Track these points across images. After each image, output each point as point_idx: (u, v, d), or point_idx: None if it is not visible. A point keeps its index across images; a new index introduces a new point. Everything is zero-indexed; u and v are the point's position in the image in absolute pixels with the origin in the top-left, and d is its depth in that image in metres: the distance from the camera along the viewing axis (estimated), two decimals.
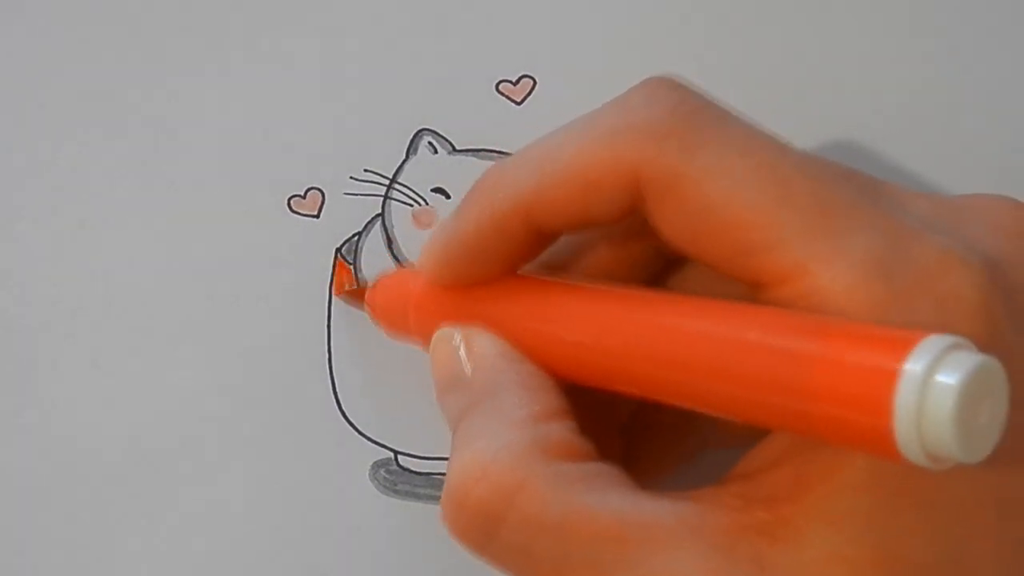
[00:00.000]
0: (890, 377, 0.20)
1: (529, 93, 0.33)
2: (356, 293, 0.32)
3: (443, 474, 0.32)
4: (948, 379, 0.20)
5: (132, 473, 0.32)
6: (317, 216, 0.33)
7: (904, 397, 0.20)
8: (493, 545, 0.24)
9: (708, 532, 0.23)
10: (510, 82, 0.33)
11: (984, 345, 0.21)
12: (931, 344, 0.20)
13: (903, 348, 0.20)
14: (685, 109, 0.25)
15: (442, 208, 0.33)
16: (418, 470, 0.33)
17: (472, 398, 0.26)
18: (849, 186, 0.24)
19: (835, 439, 0.22)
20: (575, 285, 0.27)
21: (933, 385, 0.20)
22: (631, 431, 0.30)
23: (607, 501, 0.23)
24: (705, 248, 0.24)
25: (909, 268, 0.23)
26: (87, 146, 0.33)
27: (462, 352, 0.27)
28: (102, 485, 0.32)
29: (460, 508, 0.24)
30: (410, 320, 0.29)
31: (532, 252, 0.27)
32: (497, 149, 0.33)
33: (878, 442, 0.20)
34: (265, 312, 0.33)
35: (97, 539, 0.32)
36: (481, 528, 0.24)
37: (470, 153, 0.33)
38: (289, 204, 0.33)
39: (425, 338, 0.28)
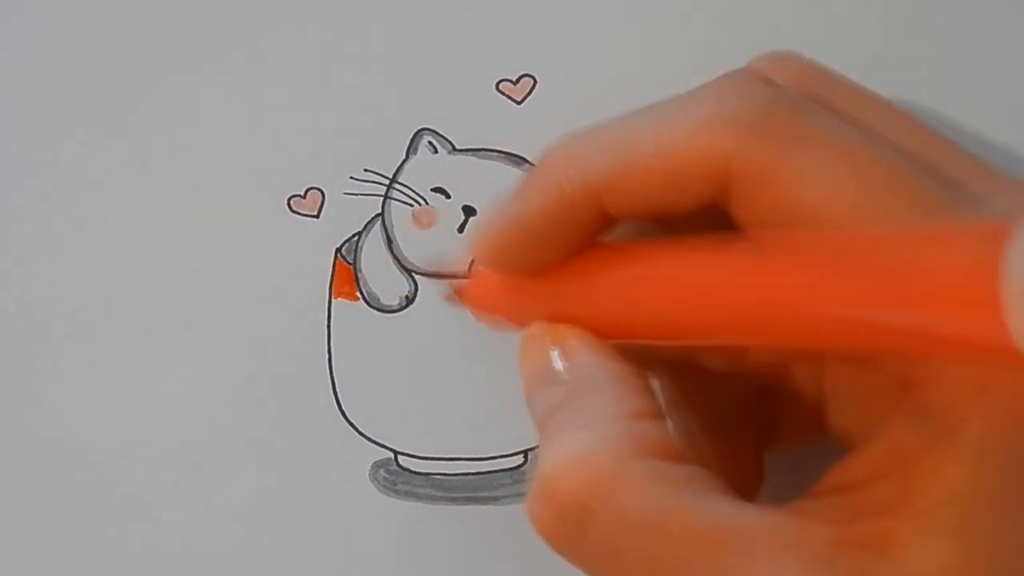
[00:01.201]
0: (993, 263, 0.19)
1: (529, 93, 0.33)
2: (450, 296, 0.31)
3: (443, 474, 0.33)
4: None
5: (131, 473, 0.32)
6: (317, 216, 0.33)
7: (1013, 280, 0.19)
8: (582, 542, 0.23)
9: (809, 544, 0.22)
10: (510, 82, 0.33)
11: None
12: None
13: (1000, 236, 0.19)
14: (782, 104, 0.24)
15: (442, 208, 0.33)
16: (418, 470, 0.33)
17: (565, 394, 0.25)
18: (940, 186, 0.23)
19: (942, 346, 0.21)
20: (643, 244, 0.26)
21: None
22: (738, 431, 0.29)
23: (706, 505, 0.23)
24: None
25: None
26: (87, 146, 0.33)
27: (555, 350, 0.26)
28: (101, 484, 0.32)
29: (551, 500, 0.23)
30: (501, 314, 0.28)
31: (593, 236, 0.26)
32: (497, 148, 0.33)
33: (992, 337, 0.19)
34: (265, 312, 0.33)
35: (97, 539, 0.32)
36: (572, 523, 0.23)
37: (470, 153, 0.33)
38: (289, 204, 0.33)
39: (516, 322, 0.28)
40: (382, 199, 0.33)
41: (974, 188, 0.25)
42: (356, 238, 0.33)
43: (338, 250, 0.33)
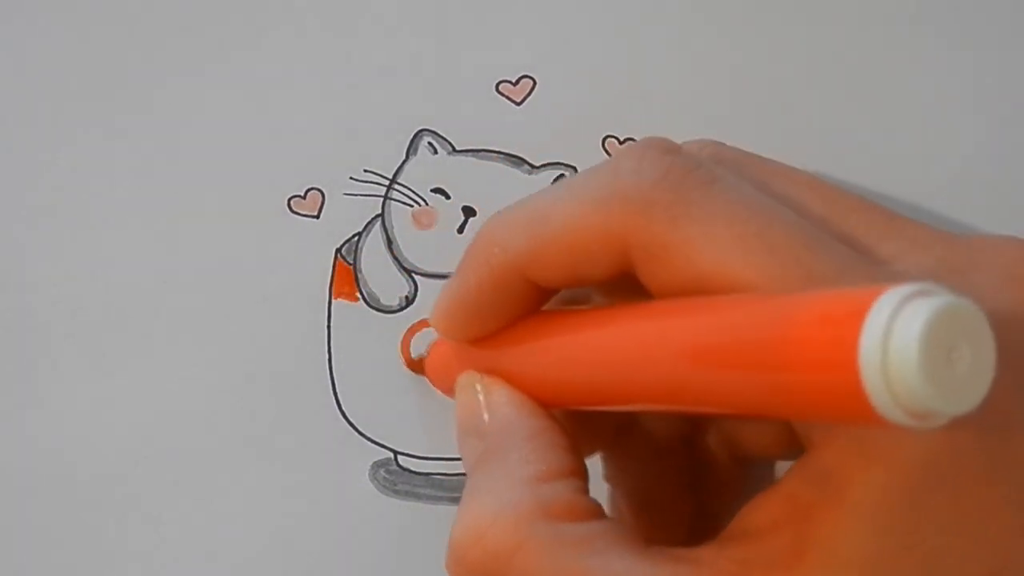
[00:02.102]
0: (853, 331, 0.19)
1: (529, 93, 0.33)
2: (415, 365, 0.33)
3: (443, 474, 0.33)
4: (909, 322, 0.19)
5: (131, 473, 0.32)
6: (317, 216, 0.33)
7: (867, 348, 0.19)
8: None
9: None
10: (510, 82, 0.33)
11: (985, 411, 0.20)
12: (894, 294, 0.19)
13: (866, 300, 0.20)
14: (673, 176, 0.25)
15: (442, 208, 0.33)
16: (418, 470, 0.33)
17: (484, 448, 0.27)
18: (838, 252, 0.24)
19: (814, 411, 0.21)
20: (575, 311, 0.27)
21: (895, 330, 0.19)
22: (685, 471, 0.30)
23: (604, 564, 0.24)
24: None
25: None
26: (87, 146, 0.33)
27: (481, 399, 0.28)
28: (101, 485, 0.32)
29: (459, 565, 0.25)
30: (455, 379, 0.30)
31: (534, 303, 0.28)
32: (497, 149, 0.33)
33: (854, 404, 0.20)
34: (265, 312, 0.33)
35: (96, 539, 0.32)
36: None
37: (470, 153, 0.33)
38: (289, 204, 0.33)
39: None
40: (382, 199, 0.33)
41: (885, 249, 0.25)
42: (356, 238, 0.33)
43: (338, 250, 0.33)
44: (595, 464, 0.30)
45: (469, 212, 0.33)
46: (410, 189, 0.33)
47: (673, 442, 0.30)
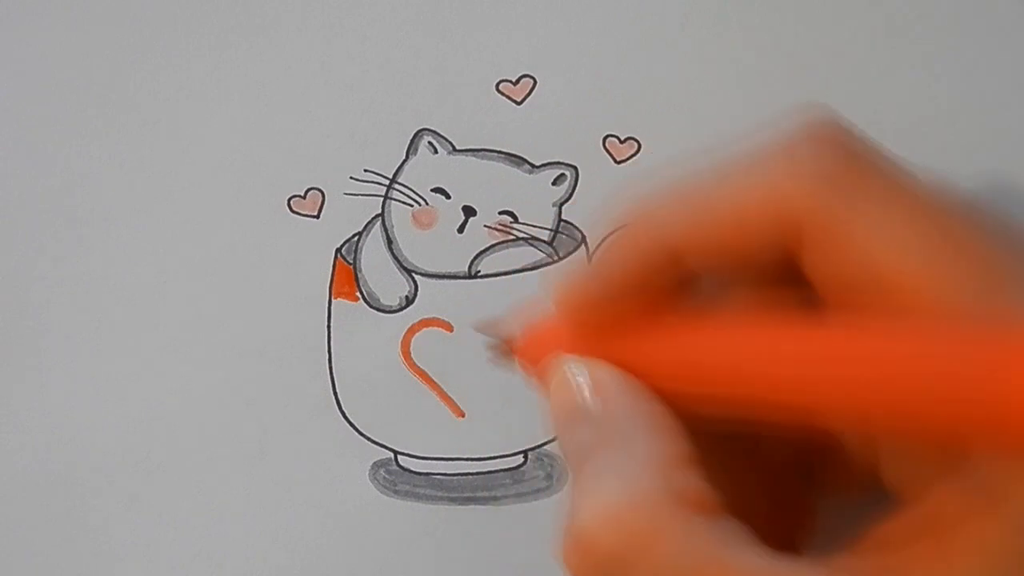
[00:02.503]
0: None
1: (529, 93, 0.33)
2: (503, 349, 0.30)
3: (443, 474, 0.33)
4: None
5: (131, 473, 0.32)
6: (317, 216, 0.33)
7: None
8: None
9: None
10: (510, 82, 0.33)
11: None
12: None
13: None
14: (851, 158, 0.24)
15: (442, 208, 0.33)
16: (418, 470, 0.33)
17: (600, 435, 0.25)
18: (1016, 251, 0.23)
19: (1011, 449, 0.21)
20: (711, 315, 0.26)
21: None
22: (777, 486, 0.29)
23: (743, 558, 0.23)
24: (860, 301, 0.24)
25: None
26: (87, 146, 0.33)
27: (586, 385, 0.26)
28: (101, 484, 0.32)
29: (588, 553, 0.23)
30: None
31: (676, 291, 0.26)
32: (497, 148, 0.33)
33: None
34: (265, 312, 0.33)
35: (96, 539, 0.32)
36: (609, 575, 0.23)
37: (470, 153, 0.33)
38: (289, 204, 0.33)
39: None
40: (382, 199, 0.33)
41: None
42: (356, 238, 0.33)
43: (338, 250, 0.33)
44: None
45: (469, 212, 0.33)
46: (410, 189, 0.33)
47: (785, 466, 0.29)
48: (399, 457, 0.33)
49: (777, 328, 0.24)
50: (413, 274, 0.33)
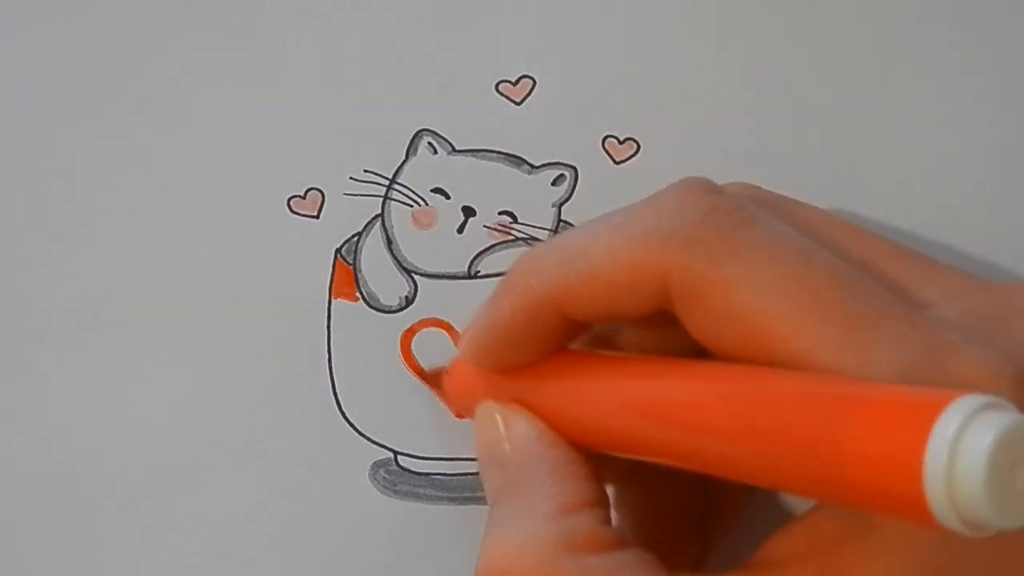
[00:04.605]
0: (920, 439, 0.20)
1: (529, 93, 0.33)
2: (431, 376, 0.32)
3: (443, 474, 0.33)
4: (979, 438, 0.19)
5: (131, 473, 0.32)
6: (317, 216, 0.33)
7: (934, 459, 0.19)
8: None
9: None
10: (510, 82, 0.33)
11: None
12: (963, 404, 0.20)
13: (934, 409, 0.20)
14: (716, 216, 0.25)
15: (442, 208, 0.33)
16: (418, 470, 0.33)
17: (507, 479, 0.27)
18: (879, 294, 0.24)
19: (869, 505, 0.21)
20: (611, 356, 0.28)
21: (963, 445, 0.19)
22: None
23: None
24: (732, 354, 0.24)
25: (938, 384, 0.22)
26: (87, 146, 0.33)
27: (502, 429, 0.28)
28: (102, 485, 0.32)
29: None
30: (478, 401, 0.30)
31: (566, 338, 0.28)
32: (497, 149, 0.33)
33: (911, 507, 0.20)
34: (265, 312, 0.33)
35: (97, 539, 0.32)
36: None
37: (470, 153, 0.33)
38: (289, 204, 0.33)
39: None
40: (382, 199, 0.33)
41: (924, 295, 0.26)
42: (356, 238, 0.33)
43: (338, 250, 0.33)
44: None
45: (469, 212, 0.33)
46: (410, 189, 0.33)
47: (689, 476, 0.30)
48: (399, 457, 0.33)
49: (641, 376, 0.26)
50: (413, 274, 0.33)
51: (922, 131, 0.33)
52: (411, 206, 0.33)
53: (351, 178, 0.33)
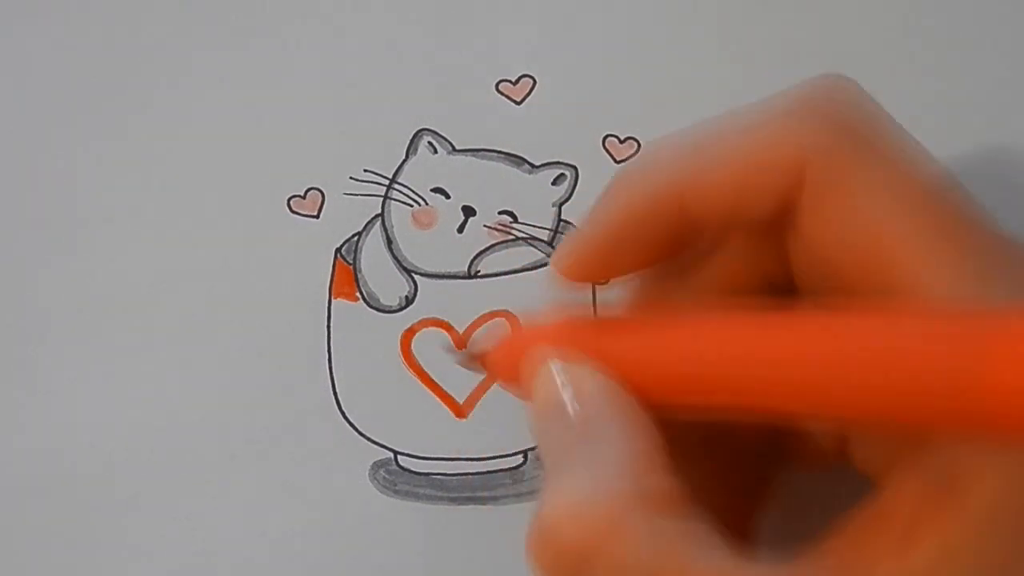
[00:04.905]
0: None
1: (529, 93, 0.33)
2: (473, 359, 0.30)
3: (443, 474, 0.33)
4: None
5: (131, 473, 0.32)
6: (317, 216, 0.33)
7: None
8: None
9: None
10: (510, 82, 0.33)
11: None
12: None
13: None
14: (866, 118, 0.24)
15: (442, 208, 0.33)
16: (418, 470, 0.33)
17: (574, 436, 0.25)
18: (1000, 232, 0.23)
19: (1013, 436, 0.20)
20: (690, 310, 0.26)
21: None
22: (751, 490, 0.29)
23: (703, 559, 0.23)
24: (841, 273, 0.23)
25: None
26: (87, 146, 0.33)
27: (568, 386, 0.26)
28: (101, 484, 0.32)
29: (549, 544, 0.23)
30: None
31: (676, 248, 0.26)
32: (497, 148, 0.33)
33: None
34: (265, 312, 0.33)
35: (97, 539, 0.32)
36: (568, 568, 0.23)
37: (470, 153, 0.33)
38: (289, 204, 0.33)
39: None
40: (382, 199, 0.33)
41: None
42: (356, 238, 0.33)
43: (338, 250, 0.33)
44: None
45: (469, 212, 0.33)
46: (410, 189, 0.33)
47: (747, 454, 0.29)
48: (399, 457, 0.33)
49: (751, 326, 0.24)
50: (413, 274, 0.33)
51: (922, 131, 0.33)
52: (411, 206, 0.33)
53: (351, 178, 0.33)
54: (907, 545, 0.22)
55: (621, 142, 0.33)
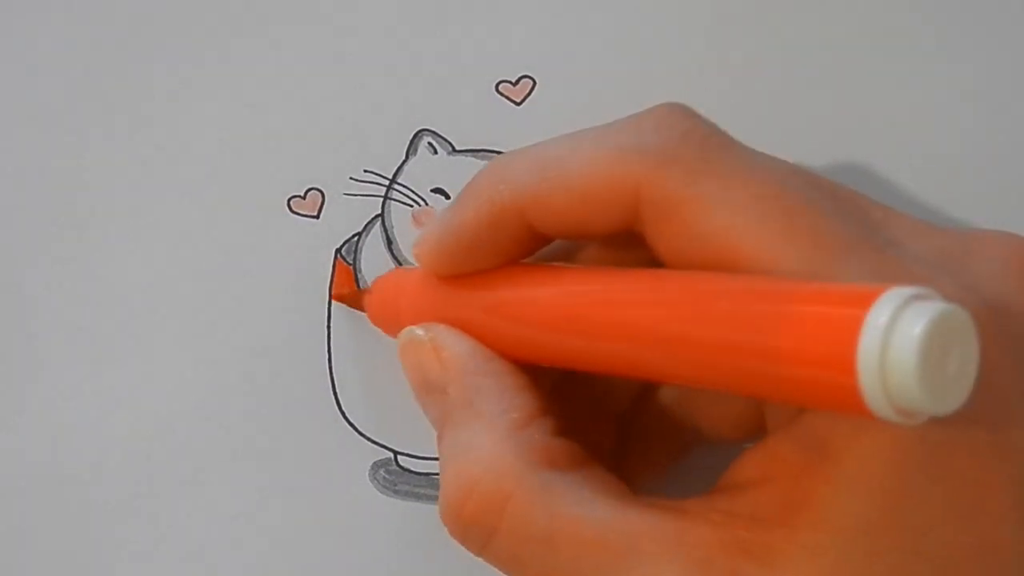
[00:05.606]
0: (852, 329, 0.20)
1: (529, 93, 0.33)
2: (354, 296, 0.32)
3: None
4: (910, 326, 0.20)
5: (131, 473, 0.32)
6: (317, 216, 0.33)
7: (866, 348, 0.20)
8: (489, 552, 0.25)
9: (689, 546, 0.23)
10: (510, 82, 0.33)
11: (980, 392, 0.21)
12: (893, 296, 0.20)
13: (865, 301, 0.20)
14: (694, 137, 0.25)
15: (442, 209, 0.33)
16: (418, 470, 0.33)
17: (450, 404, 0.27)
18: (851, 222, 0.24)
19: (805, 399, 0.22)
20: (542, 267, 0.27)
21: (895, 333, 0.20)
22: (626, 424, 0.30)
23: (592, 510, 0.24)
24: (698, 261, 0.24)
25: None
26: (87, 146, 0.33)
27: (432, 354, 0.27)
28: (101, 485, 0.32)
29: (456, 520, 0.26)
30: (402, 318, 0.29)
31: (526, 250, 0.27)
32: (497, 149, 0.33)
33: (846, 398, 0.20)
34: (265, 312, 0.33)
35: (96, 539, 0.32)
36: (476, 538, 0.25)
37: (470, 153, 0.33)
38: (289, 204, 0.33)
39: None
40: (382, 200, 0.33)
41: (892, 233, 0.26)
42: (356, 238, 0.33)
43: (338, 250, 0.33)
44: None
45: None
46: (410, 189, 0.33)
47: (618, 403, 0.30)
48: (399, 457, 0.33)
49: (599, 281, 0.26)
50: None
51: (922, 132, 0.33)
52: (411, 206, 0.33)
53: (351, 178, 0.33)
54: (788, 504, 0.23)
55: None
